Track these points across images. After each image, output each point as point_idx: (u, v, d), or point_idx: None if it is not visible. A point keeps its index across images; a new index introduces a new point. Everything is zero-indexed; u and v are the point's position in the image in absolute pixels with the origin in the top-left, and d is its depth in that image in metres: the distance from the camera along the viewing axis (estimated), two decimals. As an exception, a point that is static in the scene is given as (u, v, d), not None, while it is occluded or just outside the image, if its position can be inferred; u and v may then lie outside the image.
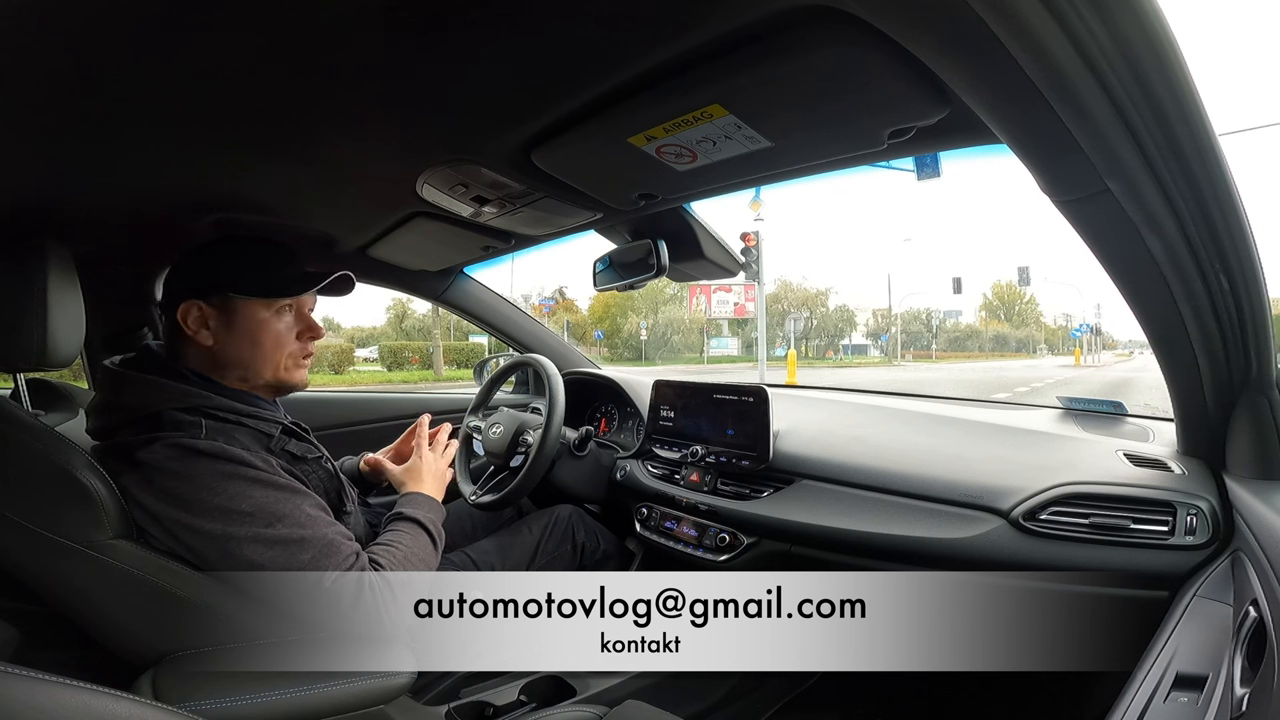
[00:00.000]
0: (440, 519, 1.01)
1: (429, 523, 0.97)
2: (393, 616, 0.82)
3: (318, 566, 0.79)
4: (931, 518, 1.06)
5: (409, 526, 0.95)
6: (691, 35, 0.61)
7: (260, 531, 0.77)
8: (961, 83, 0.57)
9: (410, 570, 0.87)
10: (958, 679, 1.44)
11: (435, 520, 0.99)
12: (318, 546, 0.80)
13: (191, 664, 0.78)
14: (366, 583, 0.81)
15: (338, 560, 0.80)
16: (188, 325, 0.87)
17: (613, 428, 1.74)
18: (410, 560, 0.89)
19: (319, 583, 0.79)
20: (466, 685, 1.15)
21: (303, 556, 0.78)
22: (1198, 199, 0.61)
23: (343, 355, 22.51)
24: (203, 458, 0.78)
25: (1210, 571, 0.82)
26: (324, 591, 0.79)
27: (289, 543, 0.78)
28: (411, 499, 1.01)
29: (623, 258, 1.28)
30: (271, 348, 0.90)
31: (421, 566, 0.90)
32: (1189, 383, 0.86)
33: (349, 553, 0.82)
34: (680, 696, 1.22)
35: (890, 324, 48.51)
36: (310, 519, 0.82)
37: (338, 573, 0.80)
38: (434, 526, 0.97)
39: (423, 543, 0.93)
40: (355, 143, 0.85)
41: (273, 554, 0.77)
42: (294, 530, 0.79)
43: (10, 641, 0.87)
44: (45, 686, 0.42)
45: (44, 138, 0.75)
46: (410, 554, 0.89)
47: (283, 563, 0.78)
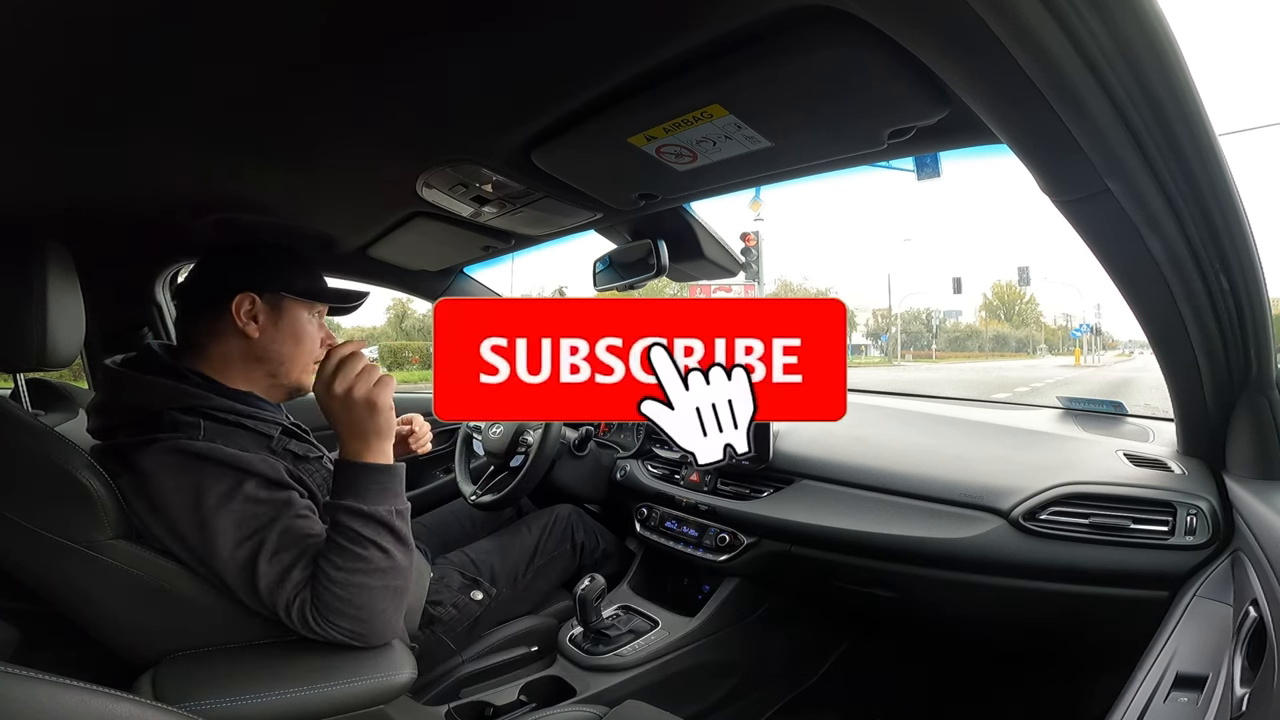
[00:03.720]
0: (396, 487, 0.82)
1: (381, 517, 0.79)
2: (366, 639, 0.79)
3: (271, 598, 0.76)
4: (931, 518, 1.06)
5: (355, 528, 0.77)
6: (691, 35, 0.61)
7: (234, 552, 0.77)
8: (961, 83, 0.57)
9: (362, 588, 0.76)
10: (958, 678, 1.44)
11: (391, 511, 0.80)
12: (270, 576, 0.76)
13: (191, 664, 0.78)
14: (310, 621, 0.76)
15: (285, 594, 0.76)
16: (239, 316, 0.89)
17: (613, 428, 1.74)
18: (357, 583, 0.76)
19: (277, 615, 0.77)
20: (466, 685, 1.15)
21: (259, 585, 0.76)
22: (1198, 199, 0.61)
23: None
24: (198, 461, 0.78)
25: (1210, 571, 0.82)
26: (288, 622, 0.77)
27: (250, 569, 0.76)
28: (356, 472, 0.80)
29: (623, 258, 1.28)
30: (309, 348, 0.95)
31: (378, 579, 0.77)
32: (1189, 383, 0.86)
33: (297, 584, 0.76)
34: (680, 696, 1.22)
35: (890, 324, 48.54)
36: (283, 533, 0.78)
37: (285, 606, 0.76)
38: (387, 523, 0.79)
39: (371, 555, 0.77)
40: (355, 143, 0.85)
41: (240, 580, 0.77)
42: (258, 554, 0.77)
43: (10, 641, 0.87)
44: (45, 686, 0.42)
45: (44, 138, 0.75)
46: (354, 579, 0.76)
47: (247, 587, 0.77)
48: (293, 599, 0.76)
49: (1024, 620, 1.11)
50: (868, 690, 1.46)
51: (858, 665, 1.52)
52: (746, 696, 1.36)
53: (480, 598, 1.19)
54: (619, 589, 1.44)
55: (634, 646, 1.24)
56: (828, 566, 1.19)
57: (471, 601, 1.18)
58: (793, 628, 1.45)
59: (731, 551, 1.29)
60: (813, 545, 1.19)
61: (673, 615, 1.33)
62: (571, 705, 1.14)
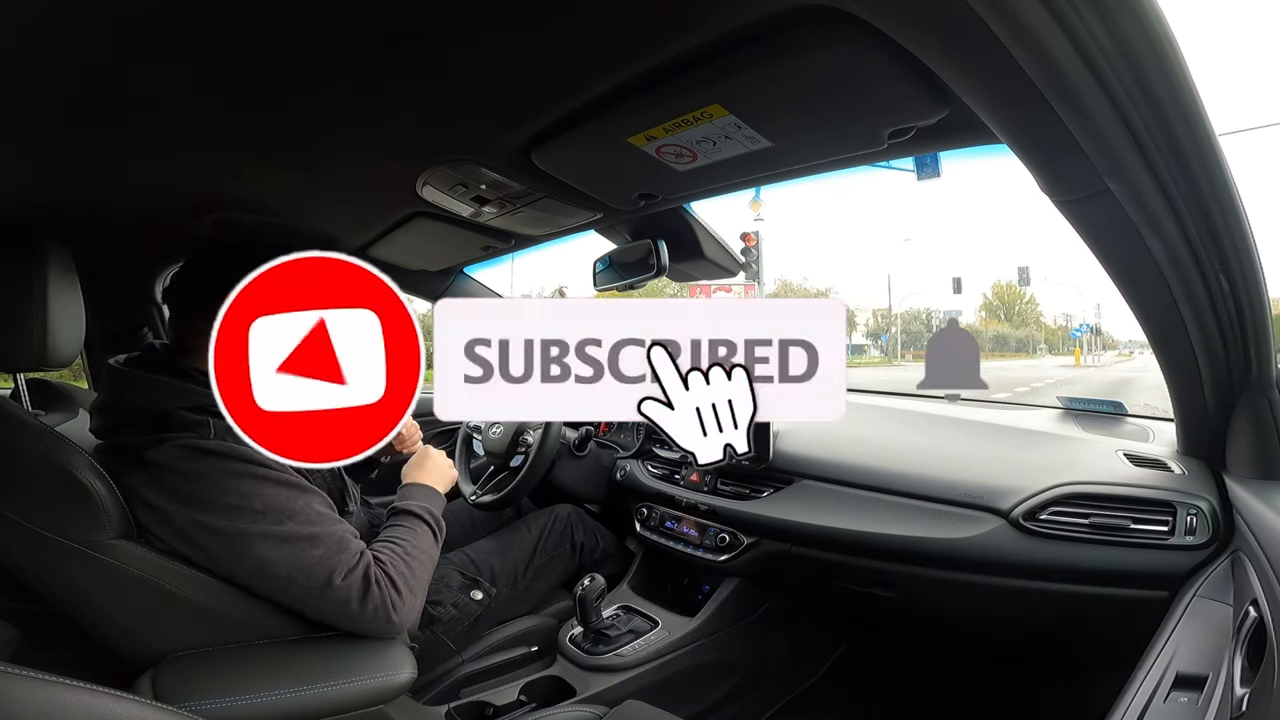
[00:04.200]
0: (440, 509, 1.02)
1: (428, 515, 0.98)
2: (400, 614, 0.84)
3: (328, 562, 0.80)
4: (931, 518, 1.06)
5: (410, 520, 0.96)
6: (691, 35, 0.61)
7: (271, 528, 0.78)
8: (961, 83, 0.57)
9: (413, 565, 0.89)
10: (957, 678, 1.44)
11: (435, 512, 0.99)
12: (329, 543, 0.81)
13: (191, 664, 0.78)
14: (374, 579, 0.82)
15: (347, 557, 0.81)
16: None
17: (613, 428, 1.74)
18: (412, 556, 0.90)
19: (329, 581, 0.79)
20: (466, 685, 1.15)
21: (314, 552, 0.79)
22: (1198, 199, 0.61)
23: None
24: (213, 457, 0.78)
25: (1210, 571, 0.82)
26: (334, 590, 0.80)
27: (300, 539, 0.79)
28: (413, 490, 1.02)
29: (623, 258, 1.28)
30: None
31: (425, 561, 0.92)
32: (1189, 383, 0.86)
33: (357, 549, 0.83)
34: (680, 696, 1.22)
35: (890, 324, 48.52)
36: (320, 516, 0.82)
37: (346, 570, 0.81)
38: (433, 518, 0.98)
39: (424, 537, 0.94)
40: (355, 143, 0.85)
41: (284, 551, 0.78)
42: (304, 527, 0.80)
43: (10, 641, 0.87)
44: (45, 686, 0.42)
45: (44, 138, 0.75)
46: (412, 549, 0.91)
47: (294, 559, 0.78)
48: (356, 562, 0.82)
49: (1024, 620, 1.11)
50: (868, 690, 1.46)
51: (858, 665, 1.52)
52: (746, 696, 1.36)
53: (480, 598, 1.19)
54: (619, 589, 1.45)
55: (634, 646, 1.24)
56: (828, 566, 1.19)
57: (471, 601, 1.18)
58: (793, 628, 1.45)
59: (731, 551, 1.29)
60: (813, 545, 1.19)
61: (673, 615, 1.33)
62: (571, 705, 1.14)
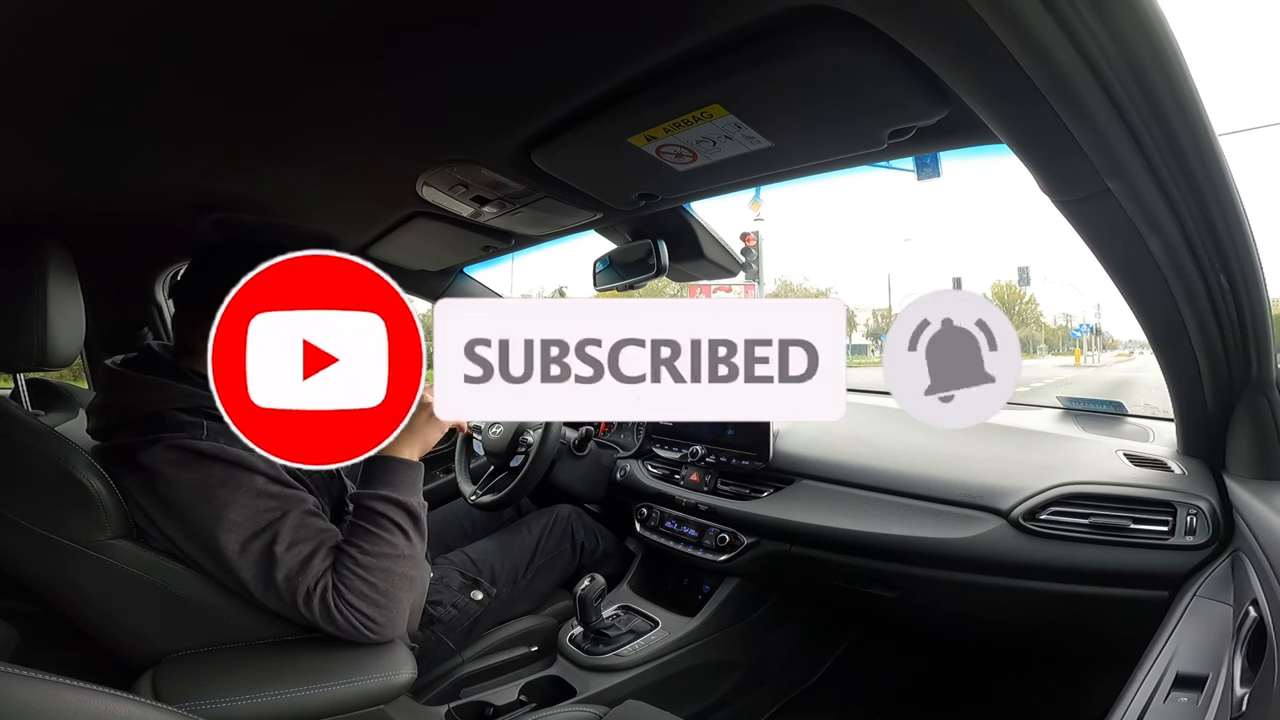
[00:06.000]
0: (416, 481, 0.86)
1: (399, 510, 0.83)
2: (379, 629, 0.80)
3: (291, 584, 0.77)
4: (931, 518, 1.06)
5: (377, 522, 0.82)
6: (691, 35, 0.61)
7: (248, 543, 0.77)
8: (961, 83, 0.57)
9: (385, 574, 0.80)
10: (958, 678, 1.44)
11: (408, 502, 0.84)
12: (289, 565, 0.77)
13: (191, 664, 0.78)
14: (332, 606, 0.77)
15: (308, 580, 0.77)
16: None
17: (613, 427, 1.74)
18: (381, 566, 0.80)
19: (293, 603, 0.77)
20: (466, 685, 1.15)
21: (277, 575, 0.76)
22: (1198, 199, 0.61)
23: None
24: (203, 460, 0.78)
25: (1210, 571, 0.82)
26: (302, 611, 0.78)
27: (267, 559, 0.77)
28: (387, 466, 0.85)
29: (623, 258, 1.28)
30: None
31: (400, 563, 0.82)
32: (1189, 383, 0.86)
33: (317, 573, 0.78)
34: (680, 696, 1.22)
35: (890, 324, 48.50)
36: (295, 529, 0.79)
37: (305, 594, 0.77)
38: (406, 511, 0.84)
39: (395, 537, 0.82)
40: (355, 143, 0.85)
41: (257, 569, 0.77)
42: (274, 545, 0.77)
43: (10, 641, 0.87)
44: (45, 686, 0.42)
45: (44, 138, 0.75)
46: (379, 555, 0.80)
47: (263, 577, 0.77)
48: (314, 586, 0.78)
49: (1024, 620, 1.11)
50: (868, 690, 1.46)
51: (858, 665, 1.52)
52: (746, 696, 1.36)
53: (480, 598, 1.19)
54: (619, 589, 1.44)
55: (634, 646, 1.24)
56: (828, 566, 1.19)
57: (471, 601, 1.18)
58: (793, 628, 1.45)
59: (731, 551, 1.29)
60: (813, 545, 1.19)
61: (673, 615, 1.33)
62: (571, 705, 1.14)
